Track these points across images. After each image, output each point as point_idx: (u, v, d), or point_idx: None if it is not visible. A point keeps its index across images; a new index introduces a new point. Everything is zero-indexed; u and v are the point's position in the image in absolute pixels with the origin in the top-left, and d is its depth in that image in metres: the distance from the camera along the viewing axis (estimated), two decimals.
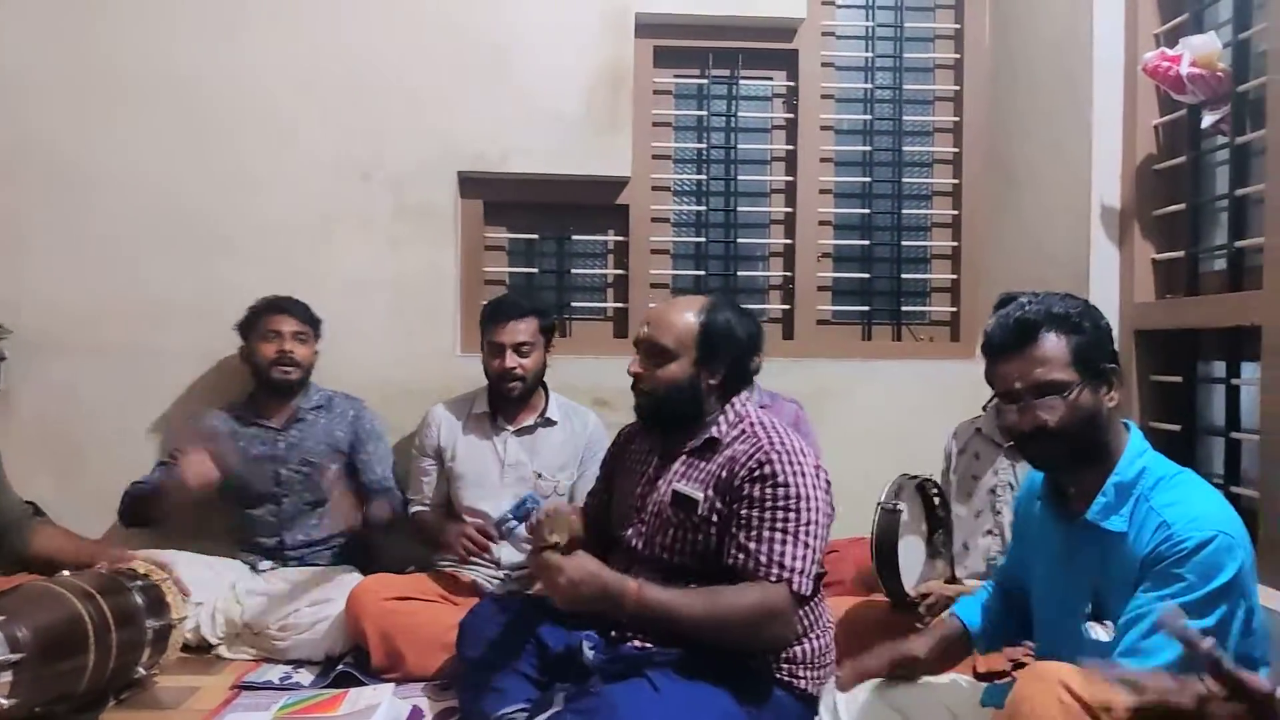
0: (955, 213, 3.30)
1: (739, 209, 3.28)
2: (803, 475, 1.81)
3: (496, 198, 3.19)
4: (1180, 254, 2.45)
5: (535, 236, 3.27)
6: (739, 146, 3.29)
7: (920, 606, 2.11)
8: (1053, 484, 1.61)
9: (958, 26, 3.28)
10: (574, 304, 3.29)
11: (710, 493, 1.85)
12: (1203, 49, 2.27)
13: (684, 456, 1.94)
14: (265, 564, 2.73)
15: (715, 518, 1.84)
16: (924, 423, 2.66)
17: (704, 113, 3.29)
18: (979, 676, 1.91)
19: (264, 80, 2.99)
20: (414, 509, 2.73)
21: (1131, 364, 2.54)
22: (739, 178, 3.28)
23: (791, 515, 1.78)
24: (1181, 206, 2.44)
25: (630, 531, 1.98)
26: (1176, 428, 2.43)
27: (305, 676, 2.40)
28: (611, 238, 3.28)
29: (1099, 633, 1.47)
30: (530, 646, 1.97)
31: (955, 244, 3.30)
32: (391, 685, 2.25)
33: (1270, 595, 1.92)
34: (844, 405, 3.09)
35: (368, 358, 3.00)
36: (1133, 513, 1.46)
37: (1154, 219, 2.53)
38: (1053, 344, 1.48)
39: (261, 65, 2.98)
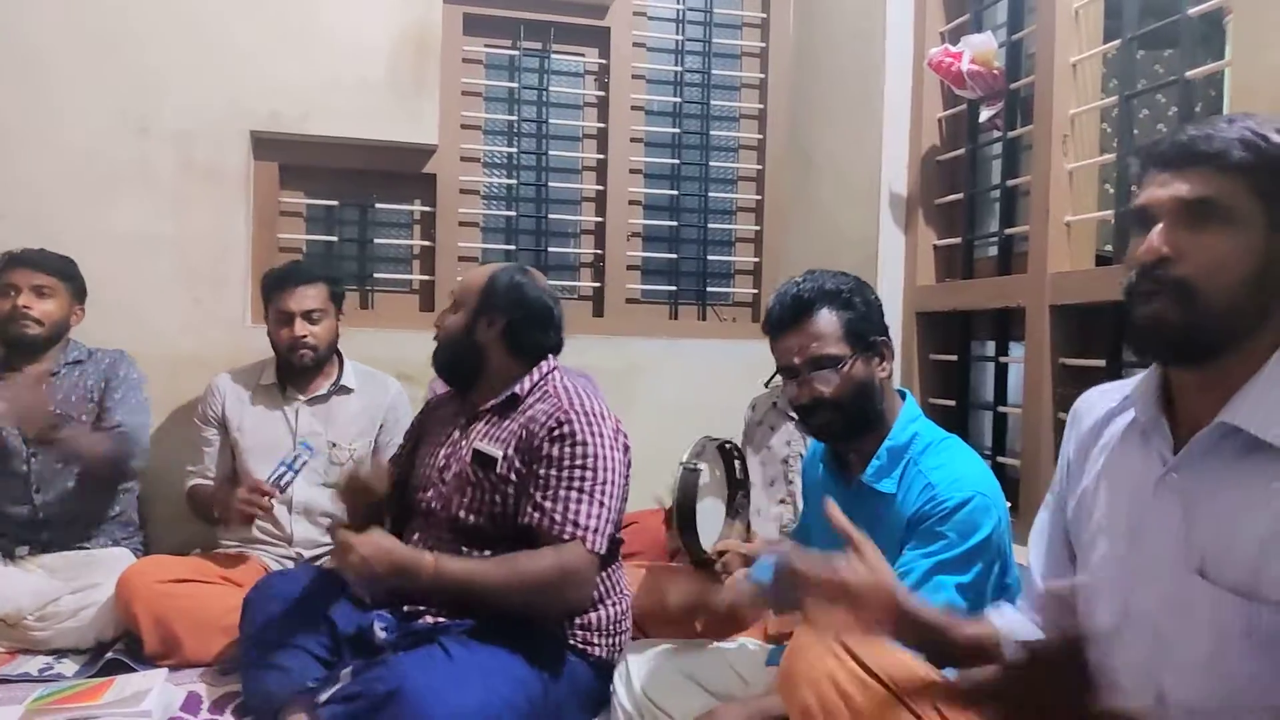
0: (758, 198, 3.41)
1: (550, 184, 3.26)
2: (600, 436, 1.83)
3: (294, 161, 3.02)
4: (958, 240, 2.62)
5: (336, 203, 3.13)
6: (551, 121, 3.26)
7: (717, 564, 2.17)
8: (833, 450, 1.69)
9: (764, 15, 3.37)
10: (377, 275, 3.17)
11: (510, 451, 1.85)
12: (981, 47, 2.43)
13: (487, 415, 1.93)
14: (22, 549, 2.47)
15: (514, 477, 1.83)
16: (726, 400, 2.72)
17: (515, 85, 3.24)
18: (770, 639, 1.98)
19: (14, 17, 2.69)
20: (192, 482, 2.55)
21: (913, 343, 2.71)
22: (551, 153, 3.26)
23: (588, 475, 1.79)
24: (960, 196, 2.61)
25: (430, 493, 1.94)
26: (952, 402, 2.60)
27: (70, 666, 2.21)
28: (418, 208, 3.18)
29: None
30: (318, 625, 1.89)
31: (758, 228, 3.41)
32: (164, 671, 2.09)
33: (1022, 554, 2.09)
34: (651, 382, 3.13)
35: (151, 323, 2.78)
36: (903, 475, 1.55)
37: (936, 207, 2.69)
38: (826, 320, 1.55)
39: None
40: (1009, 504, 2.19)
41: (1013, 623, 1.29)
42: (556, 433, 1.81)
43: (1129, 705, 1.06)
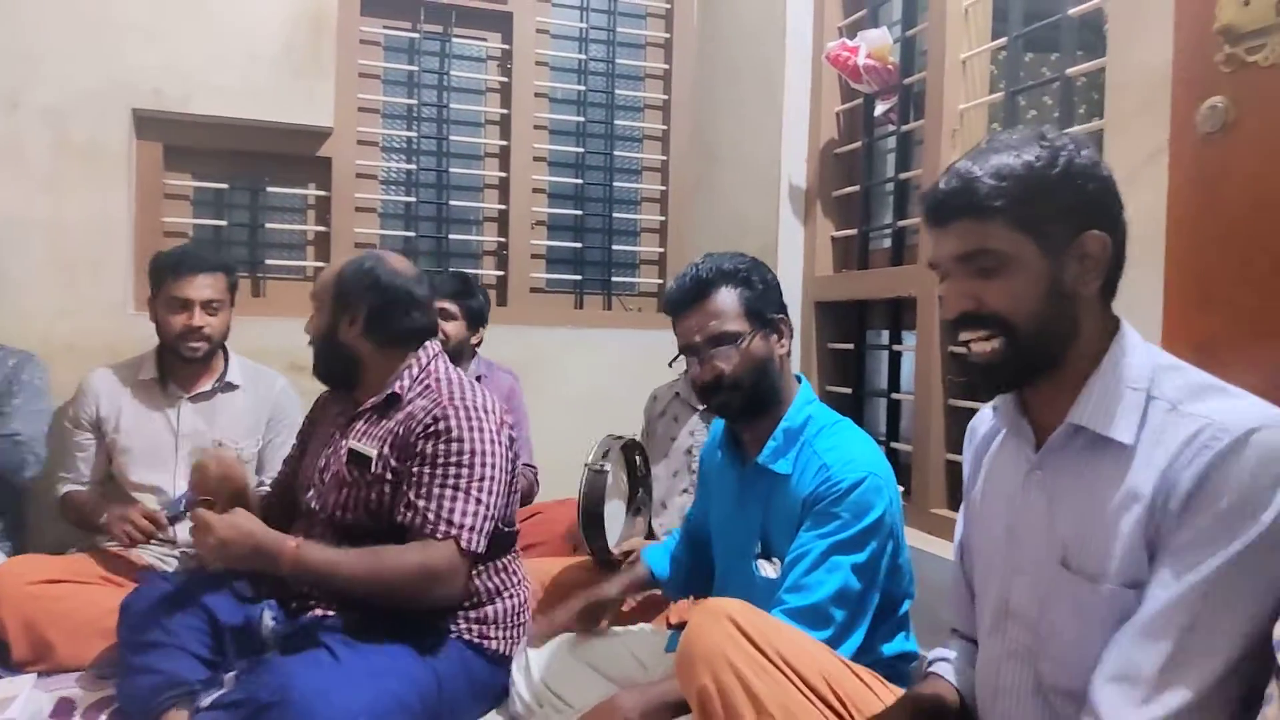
0: (663, 188, 3.42)
1: (451, 170, 3.20)
2: (480, 431, 1.77)
3: (180, 141, 2.90)
4: (854, 232, 2.67)
5: (225, 186, 3.01)
6: (452, 106, 3.20)
7: (623, 565, 2.18)
8: (731, 433, 1.71)
9: (668, 6, 3.38)
10: (269, 261, 3.06)
11: (385, 450, 1.79)
12: (877, 43, 2.48)
13: (367, 414, 1.87)
14: None
15: (389, 475, 1.78)
16: (631, 389, 2.73)
17: (415, 68, 3.17)
18: (673, 628, 1.99)
19: None
20: (66, 488, 2.40)
21: (812, 332, 2.75)
22: (452, 138, 3.20)
23: (464, 471, 1.74)
24: (856, 188, 2.66)
25: (311, 493, 1.89)
26: (849, 390, 2.66)
27: None
28: (312, 192, 3.09)
29: (767, 570, 1.58)
30: (201, 624, 1.81)
31: (663, 218, 3.42)
32: (32, 677, 1.98)
33: (917, 536, 2.15)
34: (556, 372, 3.12)
35: (23, 308, 2.63)
36: (798, 457, 1.58)
37: (834, 199, 2.74)
38: (724, 297, 1.58)
39: None
40: (901, 488, 2.27)
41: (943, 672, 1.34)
42: (432, 429, 1.76)
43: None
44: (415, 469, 1.75)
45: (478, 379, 1.96)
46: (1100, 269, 1.10)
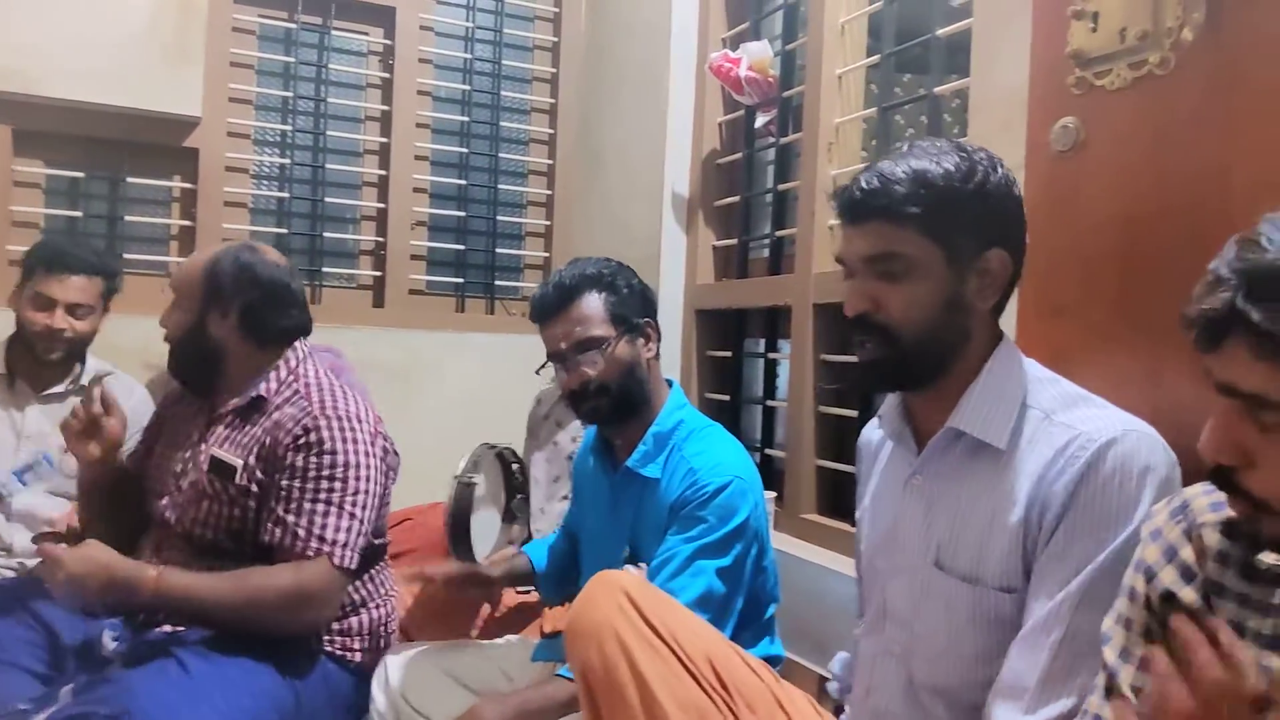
0: (549, 192, 3.39)
1: (328, 166, 3.10)
2: (354, 442, 1.69)
3: (31, 125, 2.71)
4: (734, 241, 2.70)
5: (81, 175, 2.84)
6: (330, 100, 3.10)
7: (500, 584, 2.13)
8: (602, 438, 1.70)
9: (556, 10, 3.36)
10: (128, 255, 2.89)
11: (252, 460, 1.68)
12: (758, 55, 2.51)
13: (228, 418, 1.75)
14: None
15: (255, 488, 1.67)
16: (514, 394, 2.67)
17: (292, 59, 3.06)
18: (546, 636, 1.96)
19: None
20: None
21: (692, 341, 2.77)
22: (329, 133, 3.10)
23: (337, 485, 1.65)
24: (737, 198, 2.69)
25: (165, 502, 1.75)
26: (727, 398, 2.69)
27: None
28: (177, 184, 2.94)
29: (634, 574, 1.57)
30: (36, 637, 1.70)
31: (548, 223, 3.39)
32: None
33: (789, 542, 2.18)
34: (435, 376, 3.05)
35: None
36: (667, 461, 1.58)
37: (715, 208, 2.77)
38: (590, 303, 1.57)
39: None
40: (774, 493, 2.30)
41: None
42: (303, 440, 1.66)
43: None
44: (284, 483, 1.65)
45: None
46: (999, 286, 1.14)
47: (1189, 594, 0.83)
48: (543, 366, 1.65)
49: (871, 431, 1.37)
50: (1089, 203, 1.32)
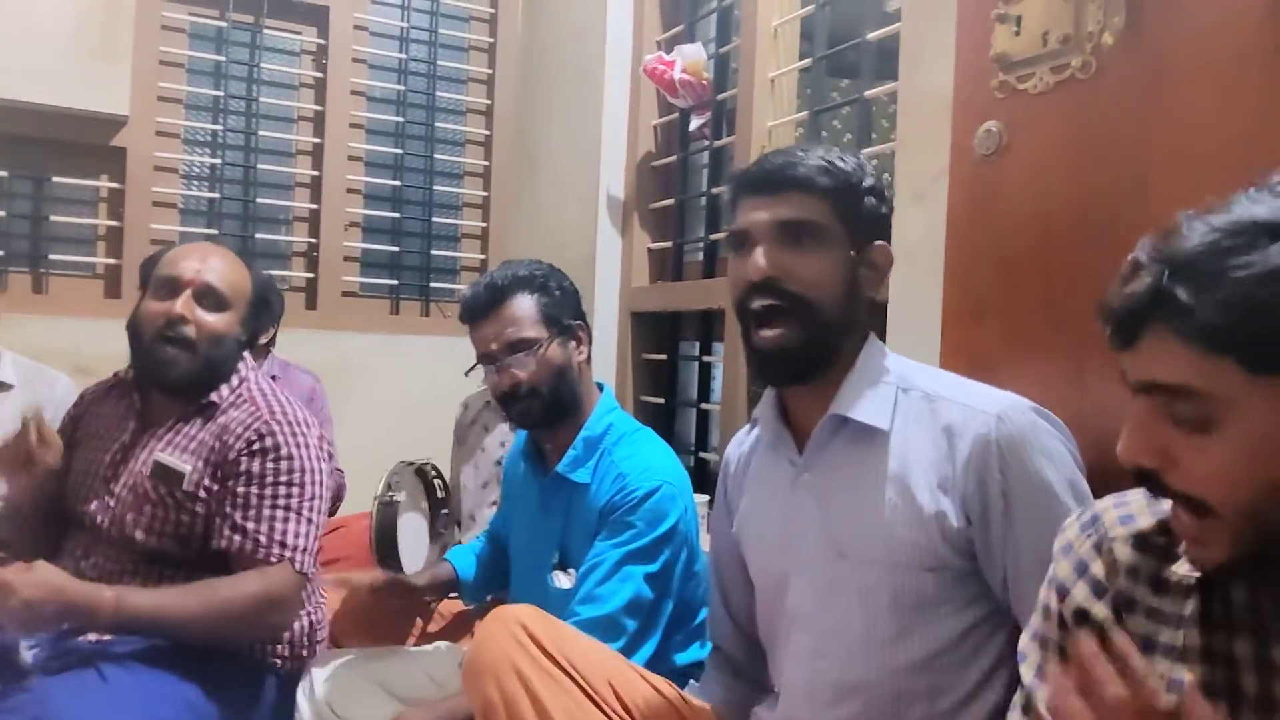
0: (485, 194, 3.36)
1: (260, 166, 3.03)
2: (306, 447, 1.67)
3: None
4: (669, 244, 2.70)
5: (4, 174, 2.75)
6: (262, 100, 3.03)
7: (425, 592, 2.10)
8: (533, 442, 1.68)
9: (492, 11, 3.34)
10: (54, 256, 2.81)
11: (201, 465, 1.64)
12: (692, 58, 2.51)
13: (172, 422, 1.69)
14: None
15: (203, 494, 1.62)
16: (449, 398, 2.64)
17: (223, 58, 2.99)
18: (424, 637, 1.94)
19: None
20: None
21: (627, 343, 2.76)
22: (261, 133, 3.03)
23: (295, 490, 1.63)
24: (672, 201, 2.69)
25: (94, 506, 1.68)
26: (662, 401, 2.68)
27: None
28: (105, 184, 2.86)
29: (562, 581, 1.55)
30: None
31: (484, 224, 3.36)
32: None
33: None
34: (368, 379, 3.00)
35: None
36: (597, 466, 1.56)
37: (650, 211, 2.76)
38: (521, 304, 1.56)
39: None
40: (707, 497, 2.29)
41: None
42: (257, 445, 1.62)
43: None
44: (240, 489, 1.61)
45: (271, 379, 1.83)
46: (882, 280, 1.19)
47: (1100, 609, 0.82)
48: (472, 368, 1.63)
49: (736, 446, 1.37)
50: (1011, 206, 1.34)
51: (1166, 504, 0.76)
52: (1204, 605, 0.77)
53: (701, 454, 2.55)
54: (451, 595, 2.03)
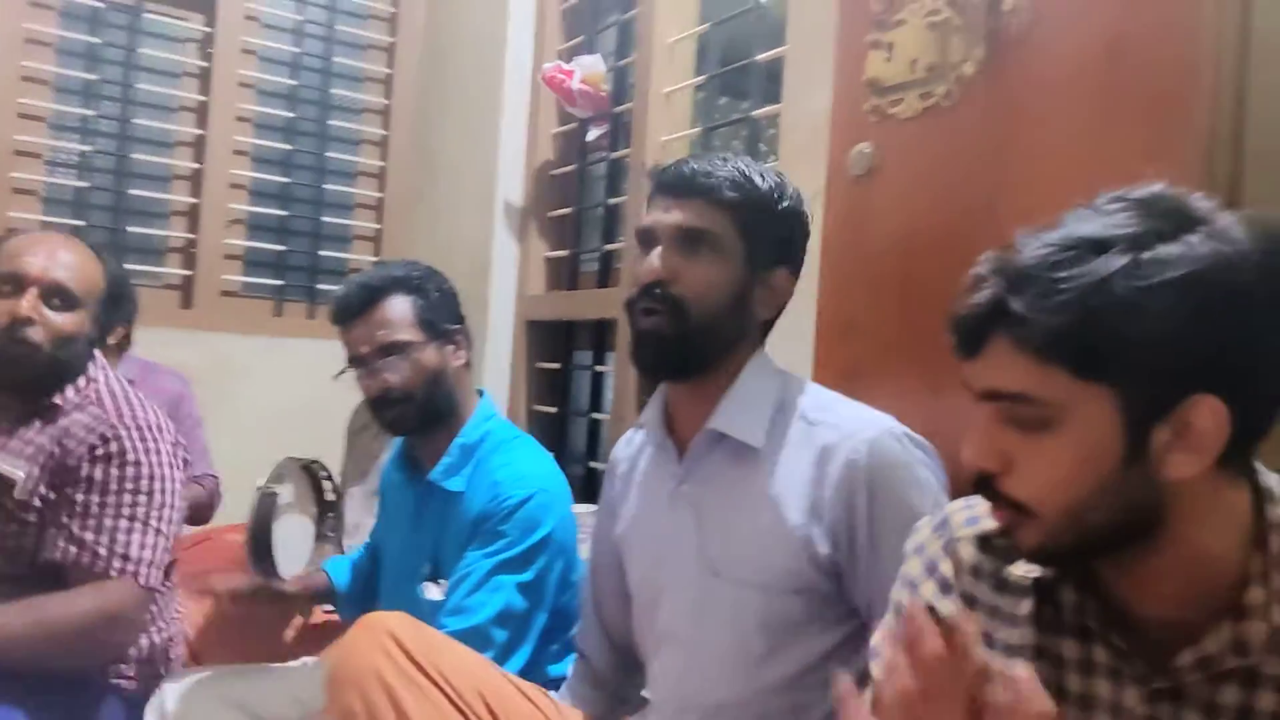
0: (380, 195, 3.29)
1: (135, 156, 2.90)
2: (157, 453, 1.56)
3: None
4: (566, 253, 2.69)
5: None
6: (139, 86, 2.91)
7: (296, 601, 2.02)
8: (408, 449, 1.64)
9: (394, 9, 3.27)
10: None
11: (37, 471, 1.51)
12: (591, 69, 2.52)
13: (7, 425, 1.57)
14: None
15: (38, 503, 1.50)
16: (335, 404, 2.56)
17: (97, 40, 2.85)
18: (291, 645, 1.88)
19: None
20: None
21: (522, 352, 2.74)
22: (137, 121, 2.90)
23: (142, 499, 1.52)
24: (569, 210, 2.69)
25: None
26: (555, 410, 2.66)
27: None
28: None
29: (433, 593, 1.52)
30: None
31: (378, 226, 3.29)
32: None
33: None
34: (249, 383, 2.89)
35: None
36: (472, 474, 1.54)
37: (548, 219, 2.75)
38: (395, 306, 1.52)
39: None
40: (596, 506, 2.29)
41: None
42: (101, 451, 1.51)
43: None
44: (81, 497, 1.49)
45: (129, 381, 1.73)
46: (778, 304, 1.21)
47: (947, 606, 0.85)
48: (342, 372, 1.58)
49: (624, 446, 1.38)
50: (880, 226, 1.38)
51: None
52: (1038, 606, 0.80)
53: (592, 464, 2.54)
54: (328, 609, 1.97)
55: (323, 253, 3.20)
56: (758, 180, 1.15)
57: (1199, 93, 1.01)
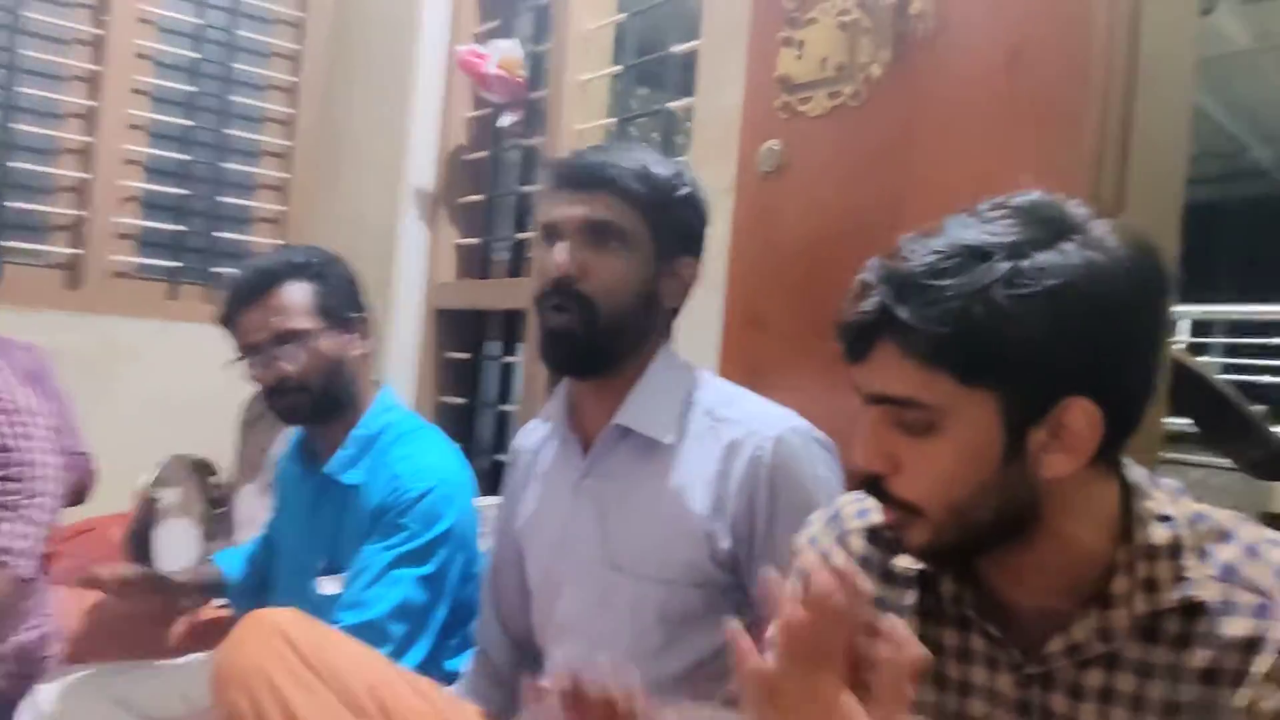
0: (285, 175, 3.18)
1: (17, 127, 2.74)
2: (28, 439, 1.51)
3: None
4: (477, 241, 2.65)
5: None
6: (22, 52, 2.74)
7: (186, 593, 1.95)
8: (304, 440, 1.60)
9: None
10: None
11: None
12: (507, 53, 2.48)
13: None
14: None
15: None
16: (231, 392, 2.46)
17: None
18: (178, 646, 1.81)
19: None
20: None
21: (431, 342, 2.68)
22: (21, 89, 2.74)
23: (12, 486, 1.48)
24: (481, 197, 2.64)
25: None
26: (464, 401, 2.62)
27: None
28: None
29: (328, 587, 1.48)
30: None
31: (283, 208, 3.18)
32: None
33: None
34: (139, 368, 2.76)
35: None
36: (371, 466, 1.50)
37: (459, 206, 2.70)
38: (292, 292, 1.47)
39: None
40: (503, 498, 2.26)
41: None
42: None
43: None
44: None
45: None
46: (684, 293, 1.20)
47: (841, 559, 0.87)
48: (235, 360, 1.52)
49: (527, 437, 1.37)
50: (788, 222, 1.39)
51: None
52: (921, 597, 0.83)
53: (500, 456, 2.51)
54: (219, 603, 1.91)
55: (222, 234, 3.08)
56: (659, 170, 1.15)
57: (1090, 102, 1.05)
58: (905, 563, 0.85)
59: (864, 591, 0.71)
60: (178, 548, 1.98)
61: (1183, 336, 4.87)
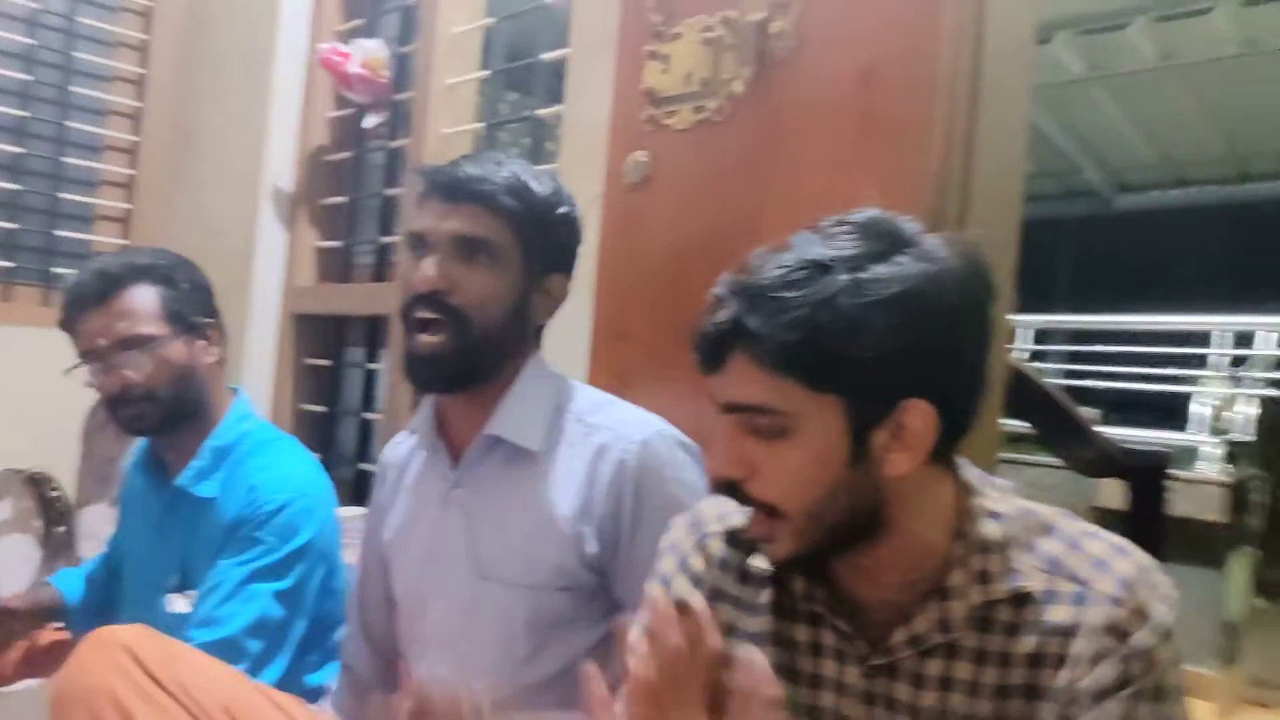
0: (131, 172, 3.01)
1: None
2: None
3: None
4: (338, 244, 2.58)
5: None
6: None
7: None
8: (152, 451, 1.52)
9: None
10: None
11: None
12: (371, 53, 2.42)
13: None
14: None
15: None
16: (71, 400, 2.31)
17: None
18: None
19: None
20: None
21: (289, 347, 2.60)
22: None
23: None
24: (344, 199, 2.58)
25: None
26: (324, 409, 2.55)
27: None
28: None
29: (178, 605, 1.41)
30: None
31: (128, 206, 3.01)
32: None
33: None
34: None
35: None
36: (226, 478, 1.44)
37: (320, 208, 2.62)
38: (139, 296, 1.40)
39: None
40: (366, 509, 2.21)
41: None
42: None
43: None
44: None
45: None
46: (553, 309, 1.20)
47: (698, 600, 0.89)
48: (75, 367, 1.43)
49: (394, 450, 1.35)
50: (653, 234, 1.41)
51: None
52: (775, 595, 0.87)
53: (363, 465, 2.45)
54: (57, 626, 1.79)
55: (61, 233, 2.90)
56: (535, 186, 1.14)
57: (936, 121, 1.11)
58: (759, 563, 0.88)
59: (713, 631, 0.73)
60: (14, 567, 1.85)
61: (1025, 345, 5.20)
